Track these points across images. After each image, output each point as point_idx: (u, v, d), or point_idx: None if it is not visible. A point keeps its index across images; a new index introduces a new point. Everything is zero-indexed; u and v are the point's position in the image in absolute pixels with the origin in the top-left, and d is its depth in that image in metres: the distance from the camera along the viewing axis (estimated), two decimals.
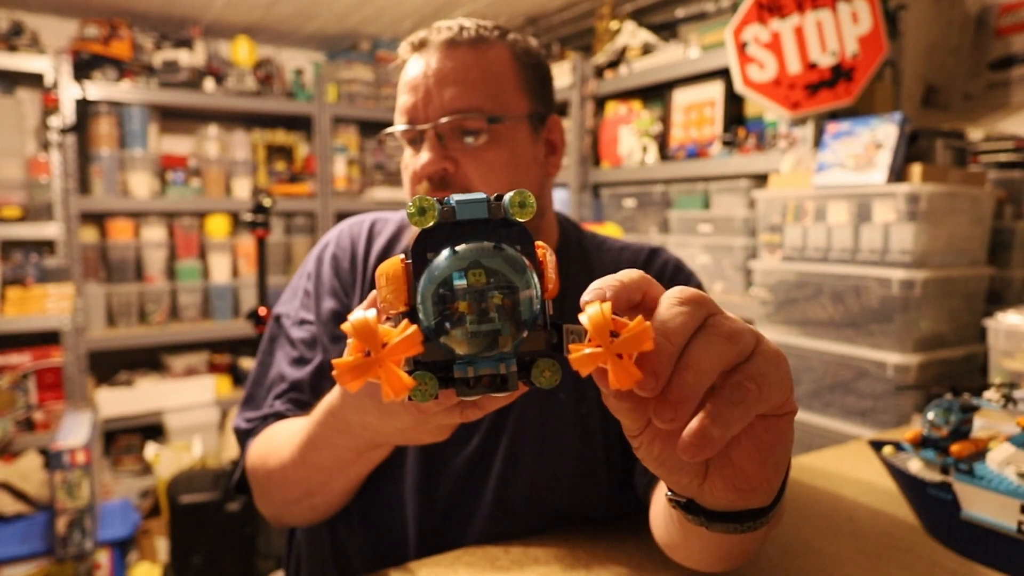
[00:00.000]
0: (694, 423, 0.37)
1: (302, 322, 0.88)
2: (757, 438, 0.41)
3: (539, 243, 0.40)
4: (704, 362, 0.36)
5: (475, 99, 0.78)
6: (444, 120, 0.78)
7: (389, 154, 3.47)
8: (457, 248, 0.37)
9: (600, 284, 0.39)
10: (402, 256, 0.39)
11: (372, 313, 0.35)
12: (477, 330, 0.36)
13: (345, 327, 0.34)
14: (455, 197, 0.38)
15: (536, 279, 0.37)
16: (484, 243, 0.37)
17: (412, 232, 0.90)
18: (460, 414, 0.49)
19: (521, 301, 0.36)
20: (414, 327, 0.35)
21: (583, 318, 0.35)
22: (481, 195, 0.38)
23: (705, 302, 0.39)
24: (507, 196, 0.38)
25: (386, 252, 0.90)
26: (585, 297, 0.38)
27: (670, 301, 0.38)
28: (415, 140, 0.81)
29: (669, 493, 0.48)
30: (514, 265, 0.37)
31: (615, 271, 0.95)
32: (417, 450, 0.83)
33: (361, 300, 0.87)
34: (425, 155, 0.79)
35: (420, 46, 0.81)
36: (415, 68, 0.81)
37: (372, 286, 0.87)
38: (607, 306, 0.35)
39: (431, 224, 0.38)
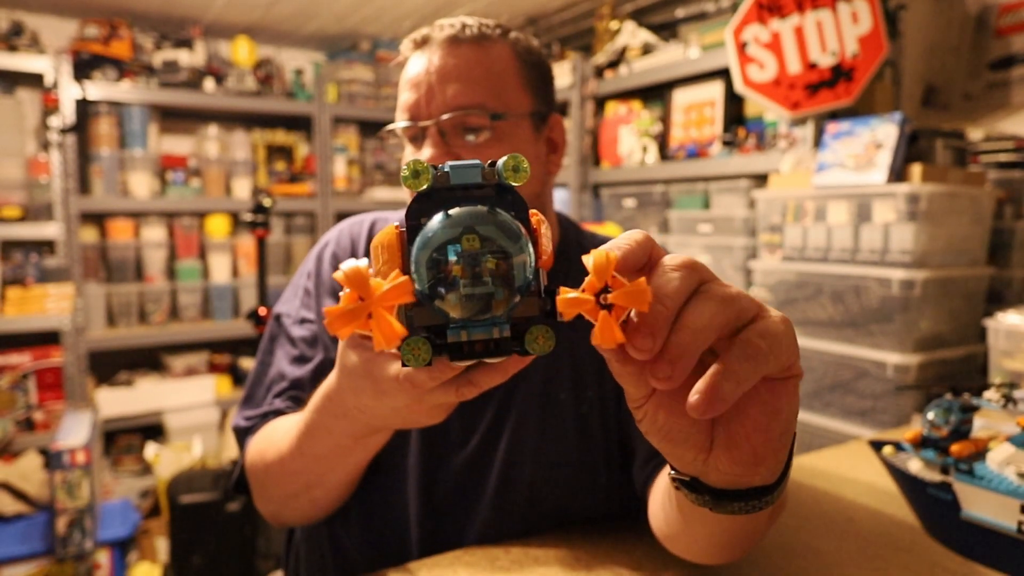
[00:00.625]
0: (703, 380, 0.37)
1: (303, 321, 0.88)
2: (763, 403, 0.41)
3: (533, 211, 0.40)
4: (699, 322, 0.37)
5: (478, 96, 0.79)
6: (447, 116, 0.78)
7: (390, 152, 3.47)
8: (451, 212, 0.37)
9: (610, 243, 0.39)
10: (396, 224, 0.39)
11: (364, 262, 0.35)
12: (471, 293, 0.36)
13: (337, 275, 0.34)
14: (449, 163, 0.39)
15: (530, 245, 0.37)
16: (478, 207, 0.37)
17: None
18: (455, 391, 0.49)
19: (515, 266, 0.36)
20: (404, 277, 0.35)
21: (586, 260, 0.35)
22: (475, 161, 0.39)
23: (699, 268, 0.39)
24: (500, 161, 0.38)
25: None
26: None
27: (665, 267, 0.39)
28: (417, 137, 0.81)
29: (672, 472, 0.48)
30: (508, 230, 0.37)
31: None
32: (418, 450, 0.83)
33: None
34: (427, 151, 0.79)
35: (422, 43, 0.82)
36: (417, 65, 0.81)
37: None
38: (613, 256, 0.35)
39: (424, 188, 0.38)
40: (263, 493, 0.82)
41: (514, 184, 0.38)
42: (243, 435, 0.85)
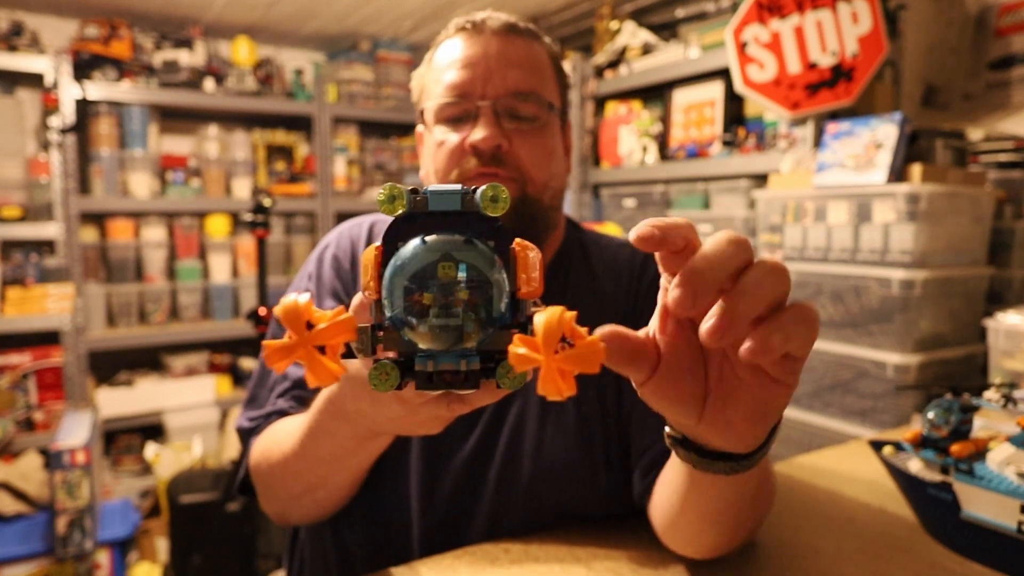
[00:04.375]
0: (758, 334, 0.39)
1: None
2: (757, 396, 0.44)
3: (520, 241, 0.39)
4: (759, 290, 0.39)
5: (535, 84, 0.83)
6: (507, 98, 0.80)
7: (393, 151, 3.47)
8: (427, 239, 0.36)
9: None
10: (377, 244, 0.38)
11: (305, 297, 0.34)
12: (442, 324, 0.35)
13: (276, 311, 0.34)
14: (430, 188, 0.38)
15: (507, 277, 0.36)
16: (455, 236, 0.36)
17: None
18: (446, 407, 0.48)
19: (489, 298, 0.35)
20: (348, 315, 0.34)
21: (537, 319, 0.34)
22: (456, 187, 0.38)
23: (750, 246, 0.41)
24: (479, 190, 0.37)
25: None
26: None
27: (717, 239, 0.40)
28: (462, 116, 0.82)
29: (668, 429, 0.52)
30: (483, 261, 0.36)
31: (613, 267, 0.95)
32: (419, 447, 0.83)
33: None
34: (483, 130, 0.79)
35: (475, 28, 0.83)
36: (471, 47, 0.82)
37: None
38: (569, 316, 0.34)
39: (400, 213, 0.37)
40: (267, 493, 0.83)
41: (492, 215, 0.37)
42: (247, 436, 0.86)
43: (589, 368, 0.34)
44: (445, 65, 0.83)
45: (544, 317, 0.33)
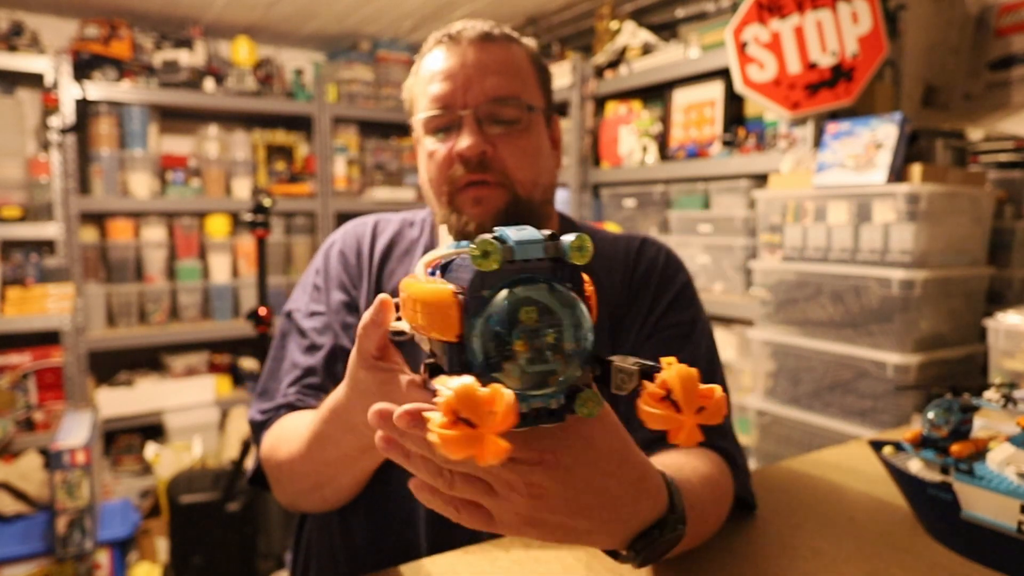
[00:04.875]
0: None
1: (313, 314, 0.92)
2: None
3: (584, 276, 0.41)
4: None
5: (514, 88, 0.85)
6: (487, 104, 0.83)
7: (393, 151, 3.47)
8: (514, 289, 0.38)
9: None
10: (453, 288, 0.40)
11: (470, 380, 0.35)
12: (532, 370, 0.37)
13: (446, 394, 0.34)
14: (513, 237, 0.39)
15: (587, 315, 0.39)
16: (540, 284, 0.39)
17: (410, 238, 0.94)
18: None
19: (575, 339, 0.38)
20: (511, 396, 0.35)
21: (671, 379, 0.37)
22: (537, 236, 0.39)
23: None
24: (566, 240, 0.39)
25: (388, 250, 0.95)
26: None
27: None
28: (448, 127, 0.85)
29: None
30: (568, 305, 0.38)
31: (610, 259, 0.97)
32: None
33: (367, 296, 0.90)
34: (467, 138, 0.82)
35: (453, 40, 0.86)
36: (450, 59, 0.85)
37: (378, 281, 0.92)
38: (696, 373, 0.37)
39: (494, 268, 0.38)
40: (277, 486, 0.86)
41: (576, 263, 0.39)
42: (258, 429, 0.88)
43: (714, 421, 0.37)
44: (428, 78, 0.86)
45: (679, 380, 0.37)
